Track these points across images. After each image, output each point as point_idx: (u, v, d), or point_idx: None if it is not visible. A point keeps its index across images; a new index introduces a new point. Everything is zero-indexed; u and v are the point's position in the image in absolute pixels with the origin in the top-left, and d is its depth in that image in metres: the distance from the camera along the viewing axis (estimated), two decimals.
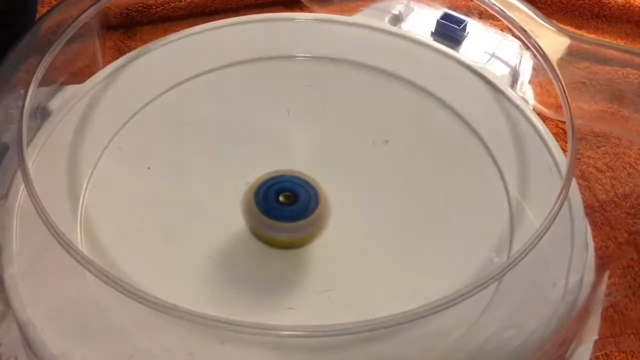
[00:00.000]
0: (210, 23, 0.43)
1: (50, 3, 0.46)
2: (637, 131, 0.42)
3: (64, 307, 0.29)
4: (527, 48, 0.41)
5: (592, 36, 0.49)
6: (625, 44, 0.50)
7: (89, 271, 0.26)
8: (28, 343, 0.28)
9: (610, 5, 0.49)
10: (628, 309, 0.34)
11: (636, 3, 0.49)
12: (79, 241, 0.31)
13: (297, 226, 0.30)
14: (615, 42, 0.49)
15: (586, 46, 0.41)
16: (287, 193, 0.31)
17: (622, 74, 0.41)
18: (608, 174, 0.40)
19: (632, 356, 0.30)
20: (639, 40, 0.51)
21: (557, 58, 0.39)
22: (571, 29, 0.44)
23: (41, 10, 0.44)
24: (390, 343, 0.28)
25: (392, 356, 0.28)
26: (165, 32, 0.43)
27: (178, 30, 0.42)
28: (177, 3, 0.49)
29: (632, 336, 0.31)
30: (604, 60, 0.42)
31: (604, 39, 0.49)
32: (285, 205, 0.30)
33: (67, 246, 0.26)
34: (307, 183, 0.31)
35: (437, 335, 0.28)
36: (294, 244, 0.32)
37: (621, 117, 0.41)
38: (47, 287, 0.29)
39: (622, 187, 0.40)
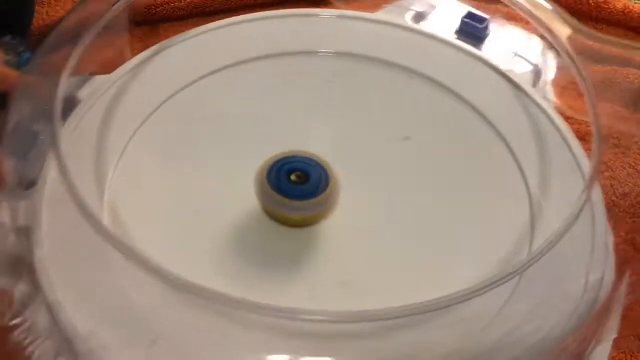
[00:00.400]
0: (234, 17, 0.43)
1: (50, 3, 0.46)
2: None
3: (91, 288, 0.29)
4: (552, 47, 0.41)
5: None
6: None
7: (116, 249, 0.27)
8: (56, 323, 0.28)
9: (609, 10, 0.49)
10: (628, 309, 0.34)
11: (635, 8, 0.49)
12: (105, 223, 0.32)
13: (308, 204, 0.31)
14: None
15: (609, 48, 0.41)
16: (299, 172, 0.31)
17: None
18: (607, 173, 0.40)
19: (632, 356, 0.30)
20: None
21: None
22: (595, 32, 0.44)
23: (41, 10, 0.45)
24: (410, 332, 0.29)
25: (413, 344, 0.28)
26: (189, 28, 0.44)
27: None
28: (177, 3, 0.48)
29: (631, 337, 0.31)
30: (628, 62, 0.42)
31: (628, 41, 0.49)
32: (296, 184, 0.31)
33: (97, 225, 0.26)
34: (318, 164, 0.32)
35: (459, 326, 0.28)
36: (305, 222, 0.32)
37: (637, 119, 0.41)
38: (74, 269, 0.30)
39: (621, 187, 0.40)
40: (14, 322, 0.28)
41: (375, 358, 0.28)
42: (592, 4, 0.48)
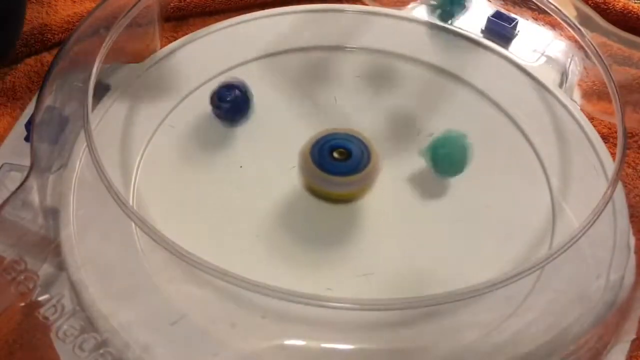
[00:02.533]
0: (262, 11, 0.44)
1: (50, 3, 0.47)
2: None
3: (115, 269, 0.30)
4: (580, 48, 0.41)
5: None
6: None
7: (142, 230, 0.27)
8: (79, 302, 0.29)
9: (608, 10, 0.48)
10: None
11: (634, 8, 0.48)
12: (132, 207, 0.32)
13: (350, 180, 0.32)
14: None
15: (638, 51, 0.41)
16: (341, 149, 0.32)
17: None
18: (631, 175, 0.39)
19: (632, 356, 0.30)
20: None
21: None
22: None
23: (41, 10, 0.46)
24: (431, 322, 0.29)
25: (433, 334, 0.28)
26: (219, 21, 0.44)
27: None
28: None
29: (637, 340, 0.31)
30: None
31: None
32: (339, 161, 0.32)
33: (124, 206, 0.27)
34: (360, 140, 0.33)
35: (479, 318, 0.29)
36: (347, 198, 0.33)
37: None
38: (100, 249, 0.31)
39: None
40: (40, 298, 0.29)
41: (395, 347, 0.28)
42: (591, 4, 0.48)
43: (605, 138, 0.39)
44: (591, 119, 0.40)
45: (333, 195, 0.33)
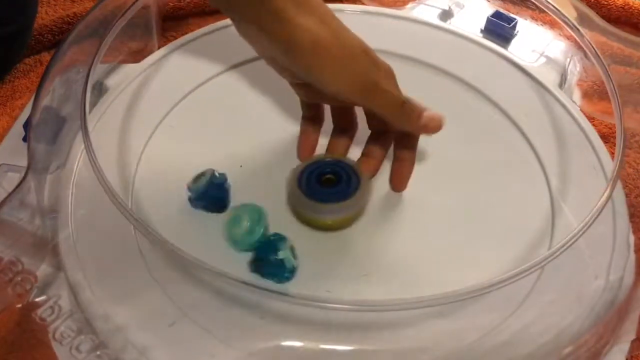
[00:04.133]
0: None
1: (50, 3, 0.47)
2: None
3: (112, 270, 0.30)
4: (579, 48, 0.41)
5: None
6: None
7: (140, 232, 0.27)
8: (77, 302, 0.29)
9: (609, 6, 0.48)
10: None
11: (635, 5, 0.48)
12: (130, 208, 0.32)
13: (339, 207, 0.31)
14: None
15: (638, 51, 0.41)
16: (329, 176, 0.32)
17: None
18: (631, 174, 0.39)
19: (632, 357, 0.30)
20: None
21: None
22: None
23: (40, 9, 0.46)
24: (433, 322, 0.29)
25: (435, 334, 0.28)
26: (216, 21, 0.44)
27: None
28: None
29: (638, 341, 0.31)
30: None
31: None
32: (326, 188, 0.31)
33: (122, 208, 0.27)
34: (348, 166, 0.32)
35: (480, 318, 0.29)
36: (339, 226, 0.32)
37: None
38: (98, 251, 0.31)
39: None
40: (37, 299, 0.29)
41: (394, 347, 0.28)
42: (592, 1, 0.48)
43: (605, 138, 0.39)
44: (591, 119, 0.39)
45: (322, 224, 0.32)
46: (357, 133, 0.35)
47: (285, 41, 0.27)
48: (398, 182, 0.34)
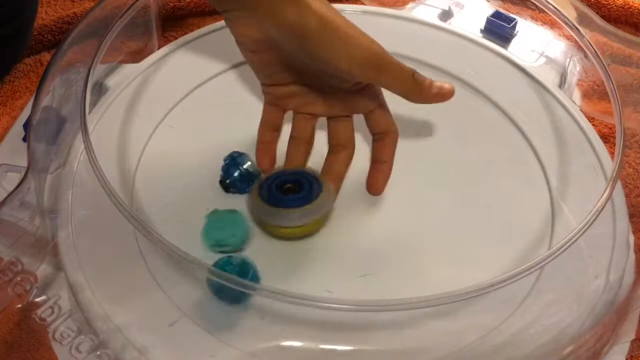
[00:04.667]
0: None
1: (50, 3, 0.47)
2: None
3: (112, 270, 0.30)
4: (579, 48, 0.41)
5: None
6: None
7: (140, 232, 0.27)
8: (77, 302, 0.29)
9: (609, 6, 0.48)
10: None
11: (635, 4, 0.48)
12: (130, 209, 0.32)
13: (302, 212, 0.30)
14: None
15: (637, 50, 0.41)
16: (290, 185, 0.31)
17: None
18: (630, 175, 0.39)
19: (632, 356, 0.30)
20: None
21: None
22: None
23: (40, 9, 0.46)
24: (432, 323, 0.29)
25: (434, 334, 0.28)
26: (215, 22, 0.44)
27: None
28: None
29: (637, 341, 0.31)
30: None
31: None
32: (288, 194, 0.31)
33: (122, 208, 0.27)
34: (309, 175, 0.31)
35: (479, 318, 0.29)
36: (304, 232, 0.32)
37: None
38: (97, 251, 0.31)
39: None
40: (37, 299, 0.29)
41: (394, 348, 0.29)
42: (592, 0, 0.48)
43: (605, 138, 0.39)
44: (591, 119, 0.39)
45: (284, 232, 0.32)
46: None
47: (294, 24, 0.28)
48: (375, 185, 0.33)
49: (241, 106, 0.38)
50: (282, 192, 0.31)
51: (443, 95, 0.30)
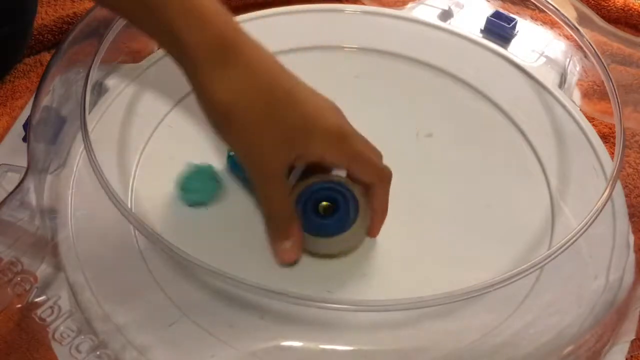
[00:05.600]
0: (261, 11, 0.44)
1: (50, 3, 0.47)
2: None
3: (112, 270, 0.30)
4: (579, 48, 0.41)
5: None
6: None
7: (140, 232, 0.27)
8: (77, 302, 0.29)
9: (609, 7, 0.48)
10: None
11: (635, 6, 0.48)
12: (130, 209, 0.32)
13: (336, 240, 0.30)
14: None
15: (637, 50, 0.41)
16: (325, 203, 0.30)
17: None
18: (630, 175, 0.39)
19: (632, 356, 0.30)
20: None
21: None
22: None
23: (40, 9, 0.46)
24: (431, 323, 0.29)
25: (434, 334, 0.28)
26: None
27: None
28: None
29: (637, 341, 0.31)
30: None
31: None
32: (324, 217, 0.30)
33: (122, 208, 0.27)
34: (349, 191, 0.30)
35: (479, 318, 0.29)
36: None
37: None
38: (98, 250, 0.31)
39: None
40: (37, 300, 0.29)
41: (394, 348, 0.29)
42: (592, 1, 0.48)
43: (605, 138, 0.39)
44: (591, 119, 0.39)
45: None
46: None
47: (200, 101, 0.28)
48: (370, 231, 0.32)
49: None
50: (317, 213, 0.30)
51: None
